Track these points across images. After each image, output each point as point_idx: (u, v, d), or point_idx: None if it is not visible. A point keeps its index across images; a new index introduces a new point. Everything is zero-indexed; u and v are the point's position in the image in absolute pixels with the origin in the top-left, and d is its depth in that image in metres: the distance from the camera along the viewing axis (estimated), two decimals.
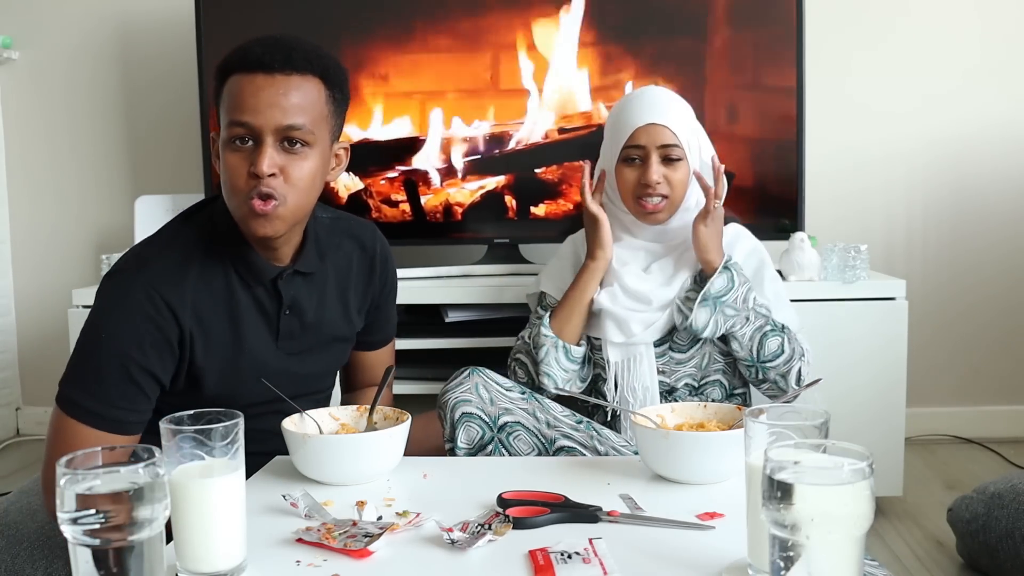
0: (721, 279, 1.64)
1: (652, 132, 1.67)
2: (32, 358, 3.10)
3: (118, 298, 1.31)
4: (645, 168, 1.67)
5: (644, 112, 1.68)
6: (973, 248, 2.86)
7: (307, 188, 1.33)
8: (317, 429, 1.30)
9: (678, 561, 0.96)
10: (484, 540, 0.99)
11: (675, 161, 1.68)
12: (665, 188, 1.68)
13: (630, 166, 1.69)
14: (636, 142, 1.68)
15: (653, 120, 1.67)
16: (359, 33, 2.45)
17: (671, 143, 1.67)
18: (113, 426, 1.29)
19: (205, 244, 1.37)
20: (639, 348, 1.68)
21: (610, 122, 1.76)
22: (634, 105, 1.71)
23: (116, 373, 1.28)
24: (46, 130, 3.00)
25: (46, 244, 3.04)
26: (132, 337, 1.29)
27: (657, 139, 1.67)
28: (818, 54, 2.56)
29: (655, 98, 1.72)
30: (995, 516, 1.81)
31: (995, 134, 2.81)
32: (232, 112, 1.28)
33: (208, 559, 0.91)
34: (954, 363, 2.89)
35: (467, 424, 1.45)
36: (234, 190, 1.30)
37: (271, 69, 1.27)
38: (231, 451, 0.92)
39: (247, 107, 1.27)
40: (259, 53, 1.28)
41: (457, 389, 1.49)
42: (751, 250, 1.77)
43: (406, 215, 2.49)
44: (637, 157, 1.68)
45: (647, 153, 1.67)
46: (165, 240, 1.39)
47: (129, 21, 2.92)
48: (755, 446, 0.89)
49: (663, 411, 1.32)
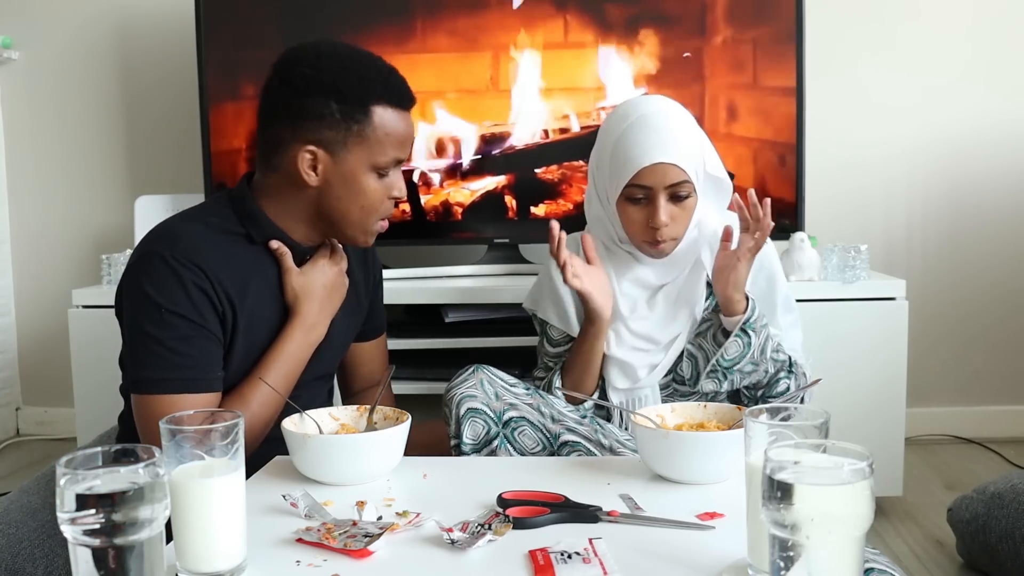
0: (735, 346, 1.53)
1: (659, 172, 1.50)
2: (32, 358, 3.10)
3: (157, 273, 1.34)
4: (652, 210, 1.52)
5: (650, 149, 1.50)
6: (973, 248, 2.86)
7: None
8: (317, 429, 1.30)
9: (678, 561, 0.96)
10: (484, 540, 0.99)
11: (684, 199, 1.53)
12: (673, 230, 1.54)
13: (635, 204, 1.54)
14: (641, 182, 1.51)
15: (661, 160, 1.49)
16: (359, 33, 2.45)
17: (680, 181, 1.51)
18: (202, 385, 1.35)
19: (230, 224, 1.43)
20: (644, 391, 1.62)
21: (608, 151, 1.56)
22: (637, 140, 1.51)
23: (186, 335, 1.33)
24: (46, 130, 3.00)
25: (46, 244, 3.04)
26: (184, 300, 1.33)
27: (665, 179, 1.50)
28: (818, 54, 2.56)
29: (661, 131, 1.51)
30: (995, 516, 1.81)
31: (996, 133, 2.81)
32: (390, 151, 1.41)
33: (208, 559, 0.91)
34: (954, 363, 2.89)
35: (472, 420, 1.45)
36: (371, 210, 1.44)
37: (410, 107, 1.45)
38: (231, 451, 0.92)
39: (400, 145, 1.42)
40: (408, 90, 1.44)
41: (462, 385, 1.49)
42: (762, 262, 1.62)
43: (406, 215, 2.49)
44: (643, 196, 1.53)
45: (654, 194, 1.51)
46: (187, 220, 1.45)
47: (129, 21, 2.92)
48: (755, 446, 0.89)
49: (663, 411, 1.32)
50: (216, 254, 1.38)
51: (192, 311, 1.34)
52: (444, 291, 2.32)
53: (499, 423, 1.45)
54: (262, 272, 1.44)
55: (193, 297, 1.34)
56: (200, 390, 1.34)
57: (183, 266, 1.34)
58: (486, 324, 2.33)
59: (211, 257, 1.37)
